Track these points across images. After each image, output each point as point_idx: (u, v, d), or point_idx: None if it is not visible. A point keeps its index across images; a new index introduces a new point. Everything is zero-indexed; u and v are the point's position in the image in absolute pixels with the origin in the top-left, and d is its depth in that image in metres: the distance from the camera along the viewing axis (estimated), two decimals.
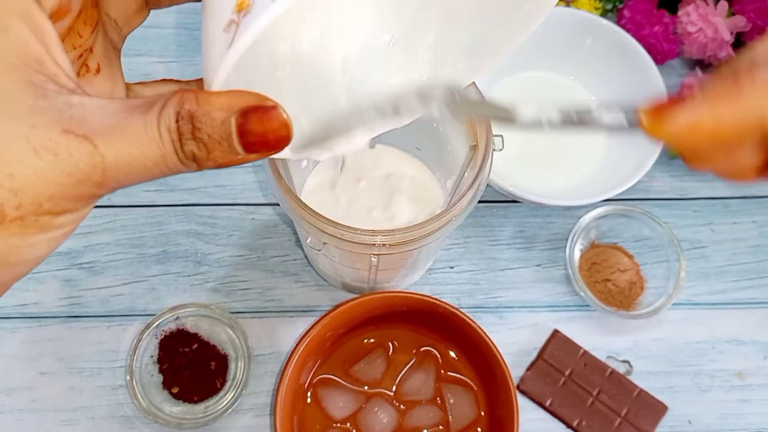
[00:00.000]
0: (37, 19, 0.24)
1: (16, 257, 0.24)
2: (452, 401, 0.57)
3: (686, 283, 0.61)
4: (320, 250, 0.44)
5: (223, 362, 0.57)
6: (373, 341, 0.59)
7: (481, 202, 0.57)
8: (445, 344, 0.58)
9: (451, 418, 0.56)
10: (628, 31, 0.62)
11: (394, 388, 0.57)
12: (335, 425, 0.56)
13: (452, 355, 0.58)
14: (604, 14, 0.67)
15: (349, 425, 0.56)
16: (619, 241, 0.63)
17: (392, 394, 0.57)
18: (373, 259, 0.48)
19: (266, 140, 0.25)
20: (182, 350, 0.56)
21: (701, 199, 0.65)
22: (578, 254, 0.62)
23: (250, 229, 0.62)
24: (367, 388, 0.57)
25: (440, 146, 0.54)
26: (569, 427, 0.58)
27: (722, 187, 0.66)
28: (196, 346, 0.57)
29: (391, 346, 0.59)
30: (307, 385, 0.57)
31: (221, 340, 0.58)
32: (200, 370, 0.56)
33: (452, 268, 0.62)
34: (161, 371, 0.56)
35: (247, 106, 0.25)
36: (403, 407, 0.57)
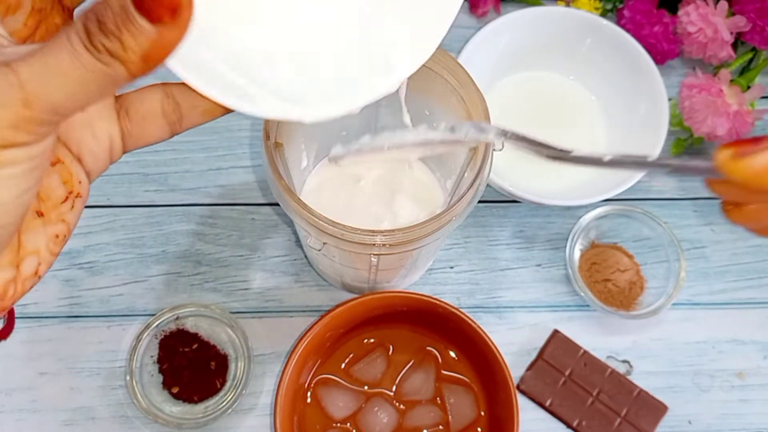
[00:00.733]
0: None
1: None
2: (452, 401, 0.57)
3: (686, 283, 0.61)
4: (320, 250, 0.44)
5: (223, 362, 0.57)
6: (373, 341, 0.59)
7: (481, 202, 0.57)
8: (445, 344, 0.58)
9: (451, 418, 0.57)
10: (628, 31, 0.62)
11: (394, 388, 0.57)
12: (335, 425, 0.56)
13: (452, 355, 0.58)
14: (603, 14, 0.67)
15: (349, 425, 0.56)
16: (619, 241, 0.63)
17: (392, 394, 0.57)
18: (373, 259, 0.48)
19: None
20: (182, 350, 0.56)
21: (701, 198, 0.65)
22: (578, 254, 0.62)
23: (250, 229, 0.62)
24: (367, 388, 0.57)
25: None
26: (569, 427, 0.58)
27: None
28: (196, 346, 0.57)
29: (391, 346, 0.59)
30: (307, 385, 0.57)
31: (221, 340, 0.58)
32: (200, 370, 0.56)
33: (452, 268, 0.62)
34: (161, 371, 0.56)
35: None
36: (403, 407, 0.57)
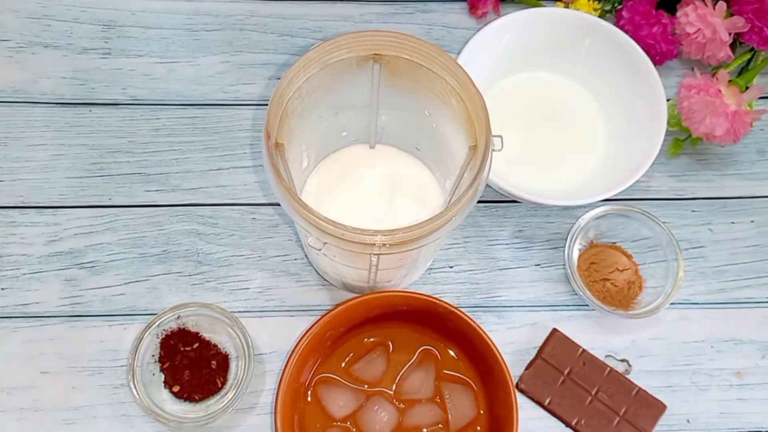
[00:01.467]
0: None
1: None
2: (452, 400, 0.57)
3: (684, 282, 0.62)
4: (320, 249, 0.44)
5: (224, 361, 0.57)
6: (373, 340, 0.59)
7: (480, 202, 0.57)
8: (444, 343, 0.59)
9: (450, 416, 0.57)
10: (626, 32, 0.62)
11: (394, 386, 0.58)
12: (335, 424, 0.56)
13: (452, 354, 0.59)
14: (602, 15, 0.67)
15: (349, 424, 0.56)
16: (617, 240, 0.63)
17: (392, 392, 0.58)
18: (373, 258, 0.48)
19: None
20: (183, 349, 0.57)
21: (699, 199, 0.65)
22: (577, 254, 0.62)
23: (250, 228, 0.63)
24: (367, 386, 0.58)
25: (440, 146, 0.55)
26: (568, 425, 0.58)
27: (720, 187, 0.66)
28: (197, 345, 0.57)
29: (391, 345, 0.59)
30: (307, 383, 0.57)
31: (222, 339, 0.58)
32: (201, 369, 0.56)
33: (452, 267, 0.62)
34: (162, 370, 0.57)
35: None
36: (402, 406, 0.57)
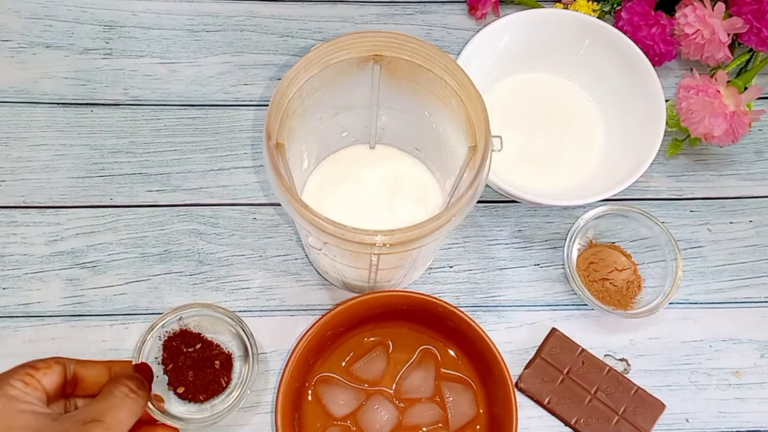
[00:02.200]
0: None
1: None
2: (451, 399, 0.57)
3: (683, 282, 0.62)
4: (321, 249, 0.44)
5: (227, 361, 0.57)
6: (373, 340, 0.59)
7: (480, 202, 0.58)
8: (444, 343, 0.59)
9: (450, 415, 0.57)
10: (625, 32, 0.62)
11: (394, 386, 0.58)
12: (336, 423, 0.57)
13: (451, 353, 0.59)
14: (601, 16, 0.68)
15: (349, 423, 0.57)
16: (616, 240, 0.63)
17: (392, 391, 0.58)
18: (373, 258, 0.48)
19: None
20: (186, 350, 0.57)
21: (698, 199, 0.66)
22: (576, 254, 0.62)
23: (251, 228, 0.63)
24: (367, 386, 0.58)
25: (440, 147, 0.55)
26: (567, 425, 0.58)
27: (719, 187, 0.66)
28: (199, 346, 0.57)
29: (391, 344, 0.59)
30: (307, 383, 0.57)
31: (224, 339, 0.58)
32: (205, 369, 0.56)
33: (451, 267, 0.63)
34: (166, 372, 0.57)
35: None
36: (402, 405, 0.57)
